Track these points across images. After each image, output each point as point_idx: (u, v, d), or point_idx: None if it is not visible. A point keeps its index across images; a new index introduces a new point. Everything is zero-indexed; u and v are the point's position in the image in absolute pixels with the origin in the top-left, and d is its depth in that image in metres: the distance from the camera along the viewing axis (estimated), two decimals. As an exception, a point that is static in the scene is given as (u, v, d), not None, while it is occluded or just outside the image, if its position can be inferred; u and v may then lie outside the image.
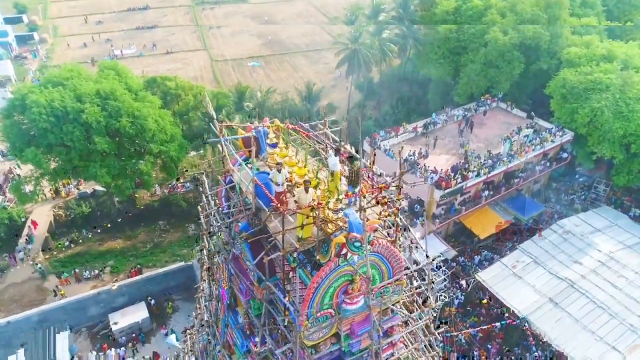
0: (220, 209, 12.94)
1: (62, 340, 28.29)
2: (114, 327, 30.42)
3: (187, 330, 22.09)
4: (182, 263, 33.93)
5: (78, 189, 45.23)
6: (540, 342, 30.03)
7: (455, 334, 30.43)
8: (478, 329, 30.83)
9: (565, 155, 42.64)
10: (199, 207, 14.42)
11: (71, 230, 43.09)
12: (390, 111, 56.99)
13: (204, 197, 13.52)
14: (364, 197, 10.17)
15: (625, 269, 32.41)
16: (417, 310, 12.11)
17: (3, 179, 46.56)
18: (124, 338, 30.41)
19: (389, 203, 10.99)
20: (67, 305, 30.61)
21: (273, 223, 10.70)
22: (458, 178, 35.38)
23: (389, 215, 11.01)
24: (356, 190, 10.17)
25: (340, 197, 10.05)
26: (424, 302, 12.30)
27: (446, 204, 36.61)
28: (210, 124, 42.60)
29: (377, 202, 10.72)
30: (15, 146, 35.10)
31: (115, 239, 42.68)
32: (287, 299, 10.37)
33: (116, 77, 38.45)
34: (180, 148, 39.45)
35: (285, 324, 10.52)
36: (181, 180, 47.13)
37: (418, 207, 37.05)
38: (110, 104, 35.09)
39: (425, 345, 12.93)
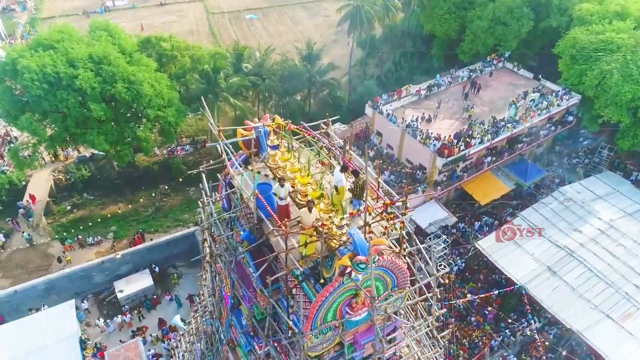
0: (220, 213, 12.65)
1: (69, 307, 28.93)
2: (119, 295, 31.06)
3: (191, 314, 22.49)
4: (185, 231, 34.12)
5: (78, 151, 44.76)
6: (537, 309, 30.74)
7: (454, 301, 31.04)
8: (477, 297, 31.42)
9: (570, 118, 41.89)
10: (199, 202, 14.11)
11: (72, 194, 43.08)
12: (393, 68, 55.45)
13: (203, 194, 13.15)
14: (369, 213, 9.87)
15: (624, 238, 32.62)
16: (421, 317, 12.13)
17: (0, 142, 46.05)
18: (127, 307, 31.04)
19: (394, 219, 10.70)
20: (72, 274, 31.09)
21: (276, 237, 10.47)
22: (461, 145, 34.87)
23: (394, 228, 10.77)
24: (361, 207, 9.87)
25: (345, 216, 9.74)
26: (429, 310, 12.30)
27: (448, 171, 36.32)
28: (208, 93, 41.19)
29: (383, 218, 10.45)
30: (9, 113, 34.35)
31: (116, 203, 42.74)
32: (290, 311, 10.32)
33: (109, 39, 36.99)
34: (178, 113, 38.63)
35: (289, 335, 10.54)
36: (181, 143, 46.70)
37: (420, 174, 36.78)
38: (104, 68, 33.96)
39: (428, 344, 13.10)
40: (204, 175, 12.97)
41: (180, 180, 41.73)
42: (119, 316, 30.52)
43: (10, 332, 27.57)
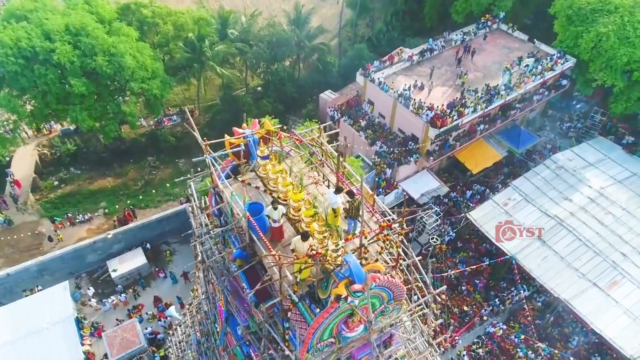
0: (211, 227, 12.28)
1: (64, 289, 28.96)
2: (113, 275, 31.09)
3: (186, 306, 22.53)
4: (176, 208, 33.79)
5: (61, 125, 43.47)
6: (526, 278, 31.40)
7: (446, 273, 31.56)
8: (468, 268, 31.95)
9: (564, 82, 41.19)
10: (189, 208, 13.65)
11: (58, 169, 42.25)
12: (384, 29, 53.56)
13: (194, 204, 12.70)
14: (365, 237, 9.59)
15: (613, 206, 32.95)
16: (418, 328, 12.14)
17: (-21, 116, 44.44)
18: (121, 287, 31.15)
19: (390, 239, 10.44)
20: (65, 255, 30.91)
21: (269, 258, 10.20)
22: (454, 115, 34.30)
23: (391, 246, 10.54)
24: (357, 231, 9.57)
25: (341, 242, 9.44)
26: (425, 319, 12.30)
27: (441, 141, 35.94)
28: (193, 62, 39.65)
29: (379, 239, 10.18)
30: (-15, 90, 32.96)
31: (105, 177, 42.10)
32: (286, 333, 10.24)
33: (85, 7, 35.02)
34: (164, 85, 37.29)
35: (286, 354, 10.51)
36: (167, 113, 45.51)
37: (412, 144, 36.37)
38: (82, 40, 32.34)
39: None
40: (192, 185, 12.44)
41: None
42: (114, 296, 30.67)
43: (5, 316, 27.64)
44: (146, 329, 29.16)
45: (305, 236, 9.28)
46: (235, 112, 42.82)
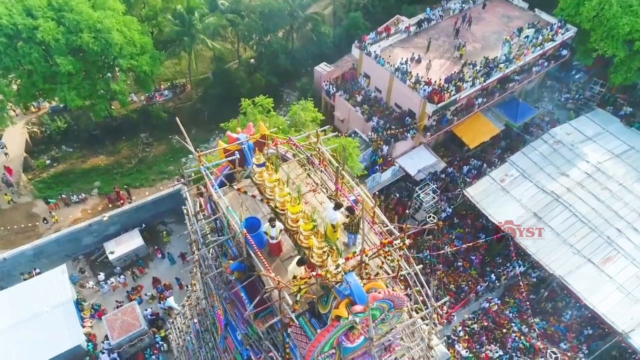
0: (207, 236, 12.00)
1: (62, 272, 28.97)
2: (110, 257, 31.01)
3: (185, 298, 22.53)
4: (171, 189, 33.42)
5: (49, 102, 42.32)
6: (521, 254, 31.67)
7: (443, 251, 31.78)
8: (465, 245, 32.12)
9: (564, 52, 40.33)
10: (184, 210, 13.31)
11: (50, 147, 41.50)
12: (381, -6, 51.78)
13: (189, 212, 12.37)
14: (367, 255, 9.37)
15: (610, 181, 32.93)
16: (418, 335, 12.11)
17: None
18: (119, 268, 31.18)
19: (391, 255, 10.22)
20: (60, 238, 30.70)
21: (267, 264, 9.98)
22: (452, 90, 33.62)
23: (392, 261, 10.34)
24: (356, 243, 9.34)
25: (341, 261, 9.21)
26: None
27: (438, 116, 35.38)
28: (183, 36, 38.30)
29: (380, 255, 9.96)
30: (-32, 70, 31.78)
31: (97, 155, 41.45)
32: (286, 346, 10.19)
33: (67, -21, 33.31)
34: (153, 60, 36.09)
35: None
36: (159, 89, 44.40)
37: (409, 119, 35.80)
38: (66, 16, 30.97)
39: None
40: (188, 197, 12.03)
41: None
42: (112, 278, 30.74)
43: (5, 300, 27.73)
44: (146, 310, 29.38)
45: (301, 262, 9.06)
46: (228, 86, 41.82)
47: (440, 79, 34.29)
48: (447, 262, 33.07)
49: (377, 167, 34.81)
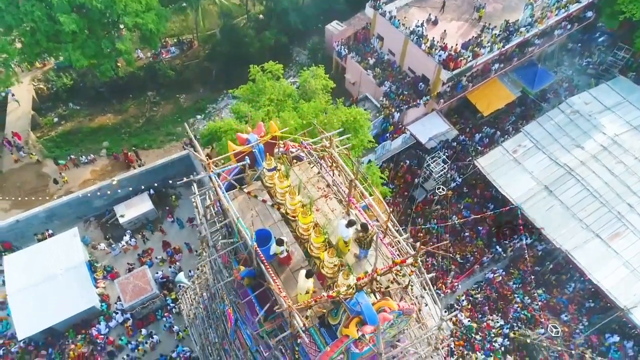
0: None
1: (74, 235, 29.52)
2: (120, 220, 31.39)
3: (195, 275, 22.77)
4: (180, 153, 33.26)
5: (54, 57, 41.37)
6: (529, 227, 31.62)
7: (451, 222, 31.79)
8: (472, 217, 32.06)
9: (589, 14, 38.29)
10: (192, 201, 13.08)
11: (56, 105, 41.14)
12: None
13: (198, 211, 12.13)
14: (379, 275, 9.25)
15: (625, 154, 32.23)
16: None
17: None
18: (130, 231, 31.64)
19: (403, 271, 10.09)
20: (71, 201, 30.98)
21: (278, 282, 9.99)
22: (468, 56, 32.32)
23: (403, 275, 10.23)
24: (368, 265, 9.21)
25: (352, 282, 9.12)
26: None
27: (453, 82, 34.26)
28: None
29: (391, 272, 9.85)
30: (-30, 27, 30.89)
31: (105, 114, 41.09)
32: (296, 352, 10.36)
33: None
34: (159, 18, 34.77)
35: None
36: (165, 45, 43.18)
37: (422, 85, 34.74)
38: (67, -28, 29.61)
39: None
40: (198, 199, 11.74)
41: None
42: (123, 240, 31.29)
43: (19, 262, 28.45)
44: (157, 273, 30.08)
45: (309, 274, 9.01)
46: (237, 43, 40.47)
47: (456, 44, 32.86)
48: (454, 232, 33.16)
49: (388, 134, 34.21)
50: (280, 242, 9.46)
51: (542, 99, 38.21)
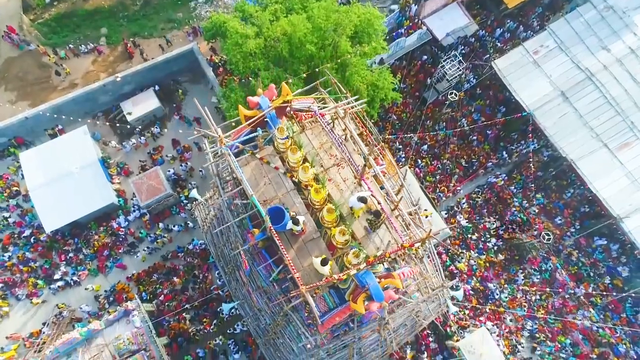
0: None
1: (84, 133, 29.80)
2: (128, 118, 31.23)
3: (208, 195, 23.10)
4: (183, 48, 31.61)
5: None
6: (538, 133, 31.42)
7: (459, 129, 31.49)
8: (482, 123, 31.62)
9: None
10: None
11: (46, -18, 37.94)
12: None
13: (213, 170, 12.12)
14: (388, 258, 9.71)
15: (653, 59, 30.53)
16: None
17: None
18: (139, 128, 31.69)
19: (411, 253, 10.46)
20: (77, 98, 30.46)
21: (291, 252, 10.57)
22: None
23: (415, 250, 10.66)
24: (379, 244, 9.58)
25: (362, 265, 9.59)
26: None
27: (478, -30, 31.04)
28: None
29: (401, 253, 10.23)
30: None
31: (99, -6, 38.09)
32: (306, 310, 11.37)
33: None
34: None
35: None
36: None
37: (444, -28, 31.49)
38: None
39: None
40: (212, 166, 11.56)
41: None
42: (133, 138, 31.58)
43: (35, 158, 29.19)
44: (168, 171, 30.96)
45: (324, 262, 9.50)
46: None
47: None
48: (462, 134, 33.06)
49: (403, 29, 32.08)
50: (296, 222, 9.78)
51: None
